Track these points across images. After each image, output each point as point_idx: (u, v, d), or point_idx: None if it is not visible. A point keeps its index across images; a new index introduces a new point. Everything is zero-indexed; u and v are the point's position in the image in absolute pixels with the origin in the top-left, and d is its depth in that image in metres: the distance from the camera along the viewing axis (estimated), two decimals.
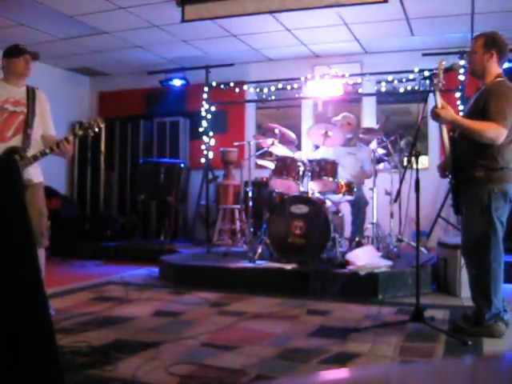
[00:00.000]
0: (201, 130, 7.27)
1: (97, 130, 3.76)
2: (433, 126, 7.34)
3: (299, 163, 5.29)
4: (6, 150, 3.61)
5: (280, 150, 5.68)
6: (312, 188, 5.27)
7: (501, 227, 3.27)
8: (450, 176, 3.48)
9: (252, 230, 5.71)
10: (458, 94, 6.18)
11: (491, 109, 3.18)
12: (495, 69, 3.34)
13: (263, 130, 6.88)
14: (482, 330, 3.27)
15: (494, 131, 3.15)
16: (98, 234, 7.72)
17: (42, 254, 3.72)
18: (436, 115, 3.27)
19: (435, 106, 3.30)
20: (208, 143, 7.10)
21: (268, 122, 6.92)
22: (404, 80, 6.98)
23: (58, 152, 3.67)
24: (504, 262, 3.34)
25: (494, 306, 3.27)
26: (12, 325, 1.53)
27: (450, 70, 3.53)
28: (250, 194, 5.81)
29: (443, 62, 3.35)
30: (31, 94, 3.82)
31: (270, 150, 5.73)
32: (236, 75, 7.55)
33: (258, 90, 7.80)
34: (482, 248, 3.27)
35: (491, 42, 3.32)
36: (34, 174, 3.77)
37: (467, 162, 3.32)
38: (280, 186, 5.54)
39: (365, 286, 4.53)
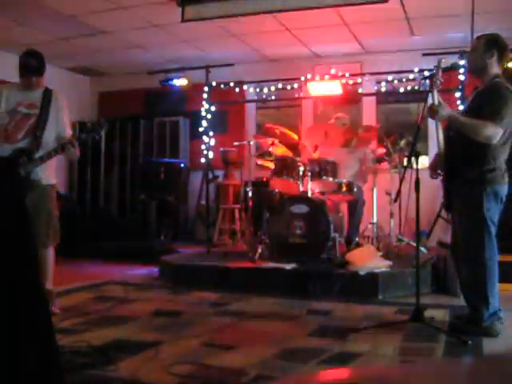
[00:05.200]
0: (201, 129, 7.26)
1: (102, 132, 3.88)
2: (433, 126, 7.33)
3: (299, 163, 5.29)
4: (14, 151, 3.68)
5: (280, 150, 5.68)
6: (312, 188, 5.27)
7: (493, 226, 3.29)
8: (441, 175, 3.49)
9: (252, 230, 5.70)
10: (457, 94, 6.16)
11: (488, 108, 3.19)
12: (495, 69, 3.35)
13: (263, 130, 6.88)
14: (479, 329, 3.27)
15: (490, 130, 3.15)
16: (97, 233, 7.71)
17: (50, 252, 3.82)
18: (433, 112, 3.28)
19: (432, 103, 3.31)
20: (208, 143, 7.09)
21: (268, 122, 6.93)
22: (404, 80, 6.96)
23: (64, 154, 3.79)
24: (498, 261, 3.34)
25: (491, 305, 3.27)
26: (12, 325, 1.53)
27: (452, 69, 3.54)
28: (250, 194, 5.81)
29: (443, 61, 3.35)
30: (48, 95, 3.86)
31: (270, 150, 5.73)
32: (236, 75, 7.54)
33: (257, 90, 7.80)
34: (477, 248, 3.28)
35: (493, 42, 3.35)
36: (44, 176, 3.79)
37: (461, 161, 3.33)
38: (280, 186, 5.54)
39: (365, 286, 4.53)
